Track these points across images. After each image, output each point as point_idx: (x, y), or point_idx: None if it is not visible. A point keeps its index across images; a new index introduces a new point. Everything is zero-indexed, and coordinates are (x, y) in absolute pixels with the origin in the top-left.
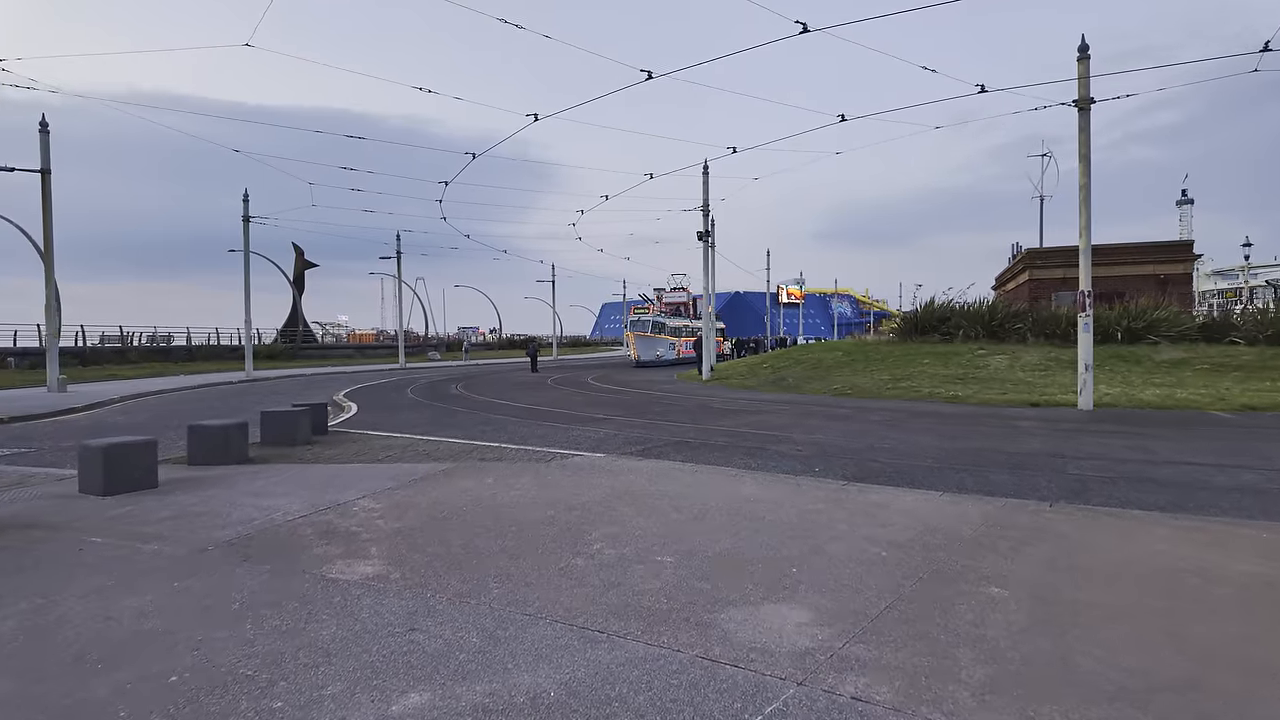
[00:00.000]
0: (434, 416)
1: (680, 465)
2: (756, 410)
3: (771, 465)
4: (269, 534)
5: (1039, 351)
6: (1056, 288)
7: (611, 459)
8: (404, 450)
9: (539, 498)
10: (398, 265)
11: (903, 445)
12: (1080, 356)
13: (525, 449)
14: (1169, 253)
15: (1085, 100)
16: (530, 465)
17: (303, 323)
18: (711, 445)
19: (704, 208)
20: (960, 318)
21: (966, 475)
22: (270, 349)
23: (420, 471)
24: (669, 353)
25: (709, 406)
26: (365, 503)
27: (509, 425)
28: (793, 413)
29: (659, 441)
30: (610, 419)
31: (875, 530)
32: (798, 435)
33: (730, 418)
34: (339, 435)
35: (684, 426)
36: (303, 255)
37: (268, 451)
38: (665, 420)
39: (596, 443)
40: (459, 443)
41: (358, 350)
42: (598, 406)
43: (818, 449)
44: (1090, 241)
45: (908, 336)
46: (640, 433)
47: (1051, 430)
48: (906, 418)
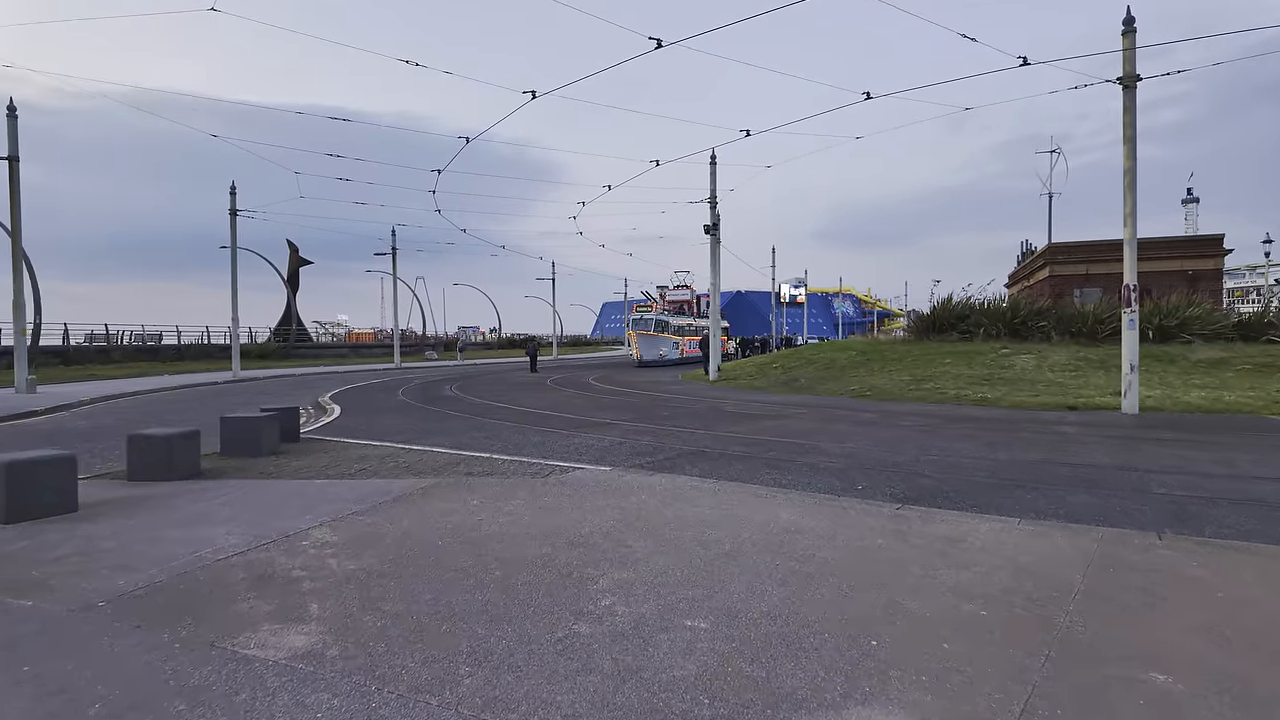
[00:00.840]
0: (422, 421)
1: (699, 482)
2: (774, 414)
3: (804, 481)
4: (187, 581)
5: (1065, 351)
6: (1079, 284)
7: (618, 474)
8: (382, 462)
9: (533, 526)
10: (393, 261)
11: (946, 456)
12: (1125, 356)
13: (520, 461)
14: (1198, 247)
15: (1131, 77)
16: (524, 482)
17: (296, 321)
18: (730, 456)
19: (711, 199)
20: (980, 315)
21: (1035, 495)
22: (262, 348)
23: (395, 490)
24: (672, 352)
25: (721, 410)
26: (321, 533)
27: (503, 431)
28: (814, 417)
29: (671, 451)
30: (614, 424)
31: (958, 576)
32: (826, 444)
33: (746, 423)
34: (312, 443)
35: (697, 433)
36: (297, 252)
37: (226, 463)
38: (675, 426)
39: (600, 453)
40: (445, 453)
41: (353, 350)
42: (600, 410)
43: (853, 461)
44: (1135, 231)
45: (924, 335)
46: (649, 440)
47: (1104, 437)
48: (940, 423)
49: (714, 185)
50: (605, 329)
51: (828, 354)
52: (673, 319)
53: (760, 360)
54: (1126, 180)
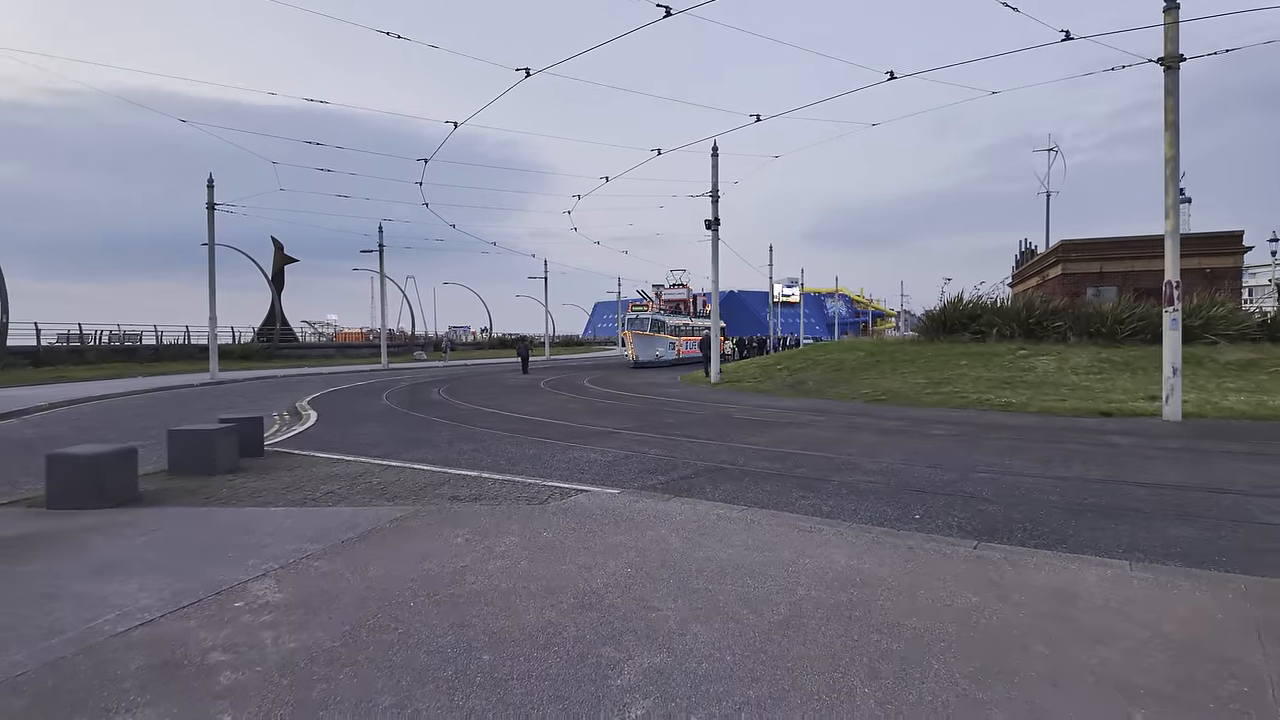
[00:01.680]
0: (405, 430)
1: (726, 510)
2: (789, 422)
3: (849, 508)
4: (60, 674)
5: (1085, 352)
6: (1093, 282)
7: (629, 498)
8: (353, 483)
9: (531, 576)
10: (379, 258)
11: (999, 473)
12: (1166, 359)
13: (512, 481)
14: (1216, 244)
15: (1174, 58)
16: (518, 510)
17: (280, 321)
18: (754, 474)
19: (713, 193)
20: (993, 315)
21: (1127, 526)
22: (245, 349)
23: (364, 521)
24: (669, 353)
25: (730, 416)
26: (263, 587)
27: (494, 443)
28: (834, 425)
29: (685, 468)
30: (617, 433)
31: (1098, 655)
32: (858, 458)
33: (763, 432)
34: (278, 458)
35: (710, 445)
36: (282, 250)
37: (173, 485)
38: (684, 435)
39: (605, 470)
40: (427, 470)
41: (339, 350)
42: (600, 416)
43: (895, 479)
44: (1178, 222)
45: (935, 335)
46: (658, 454)
47: (1162, 449)
48: (974, 432)
49: (715, 178)
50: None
51: (834, 355)
52: (669, 318)
53: (763, 361)
54: (1168, 170)
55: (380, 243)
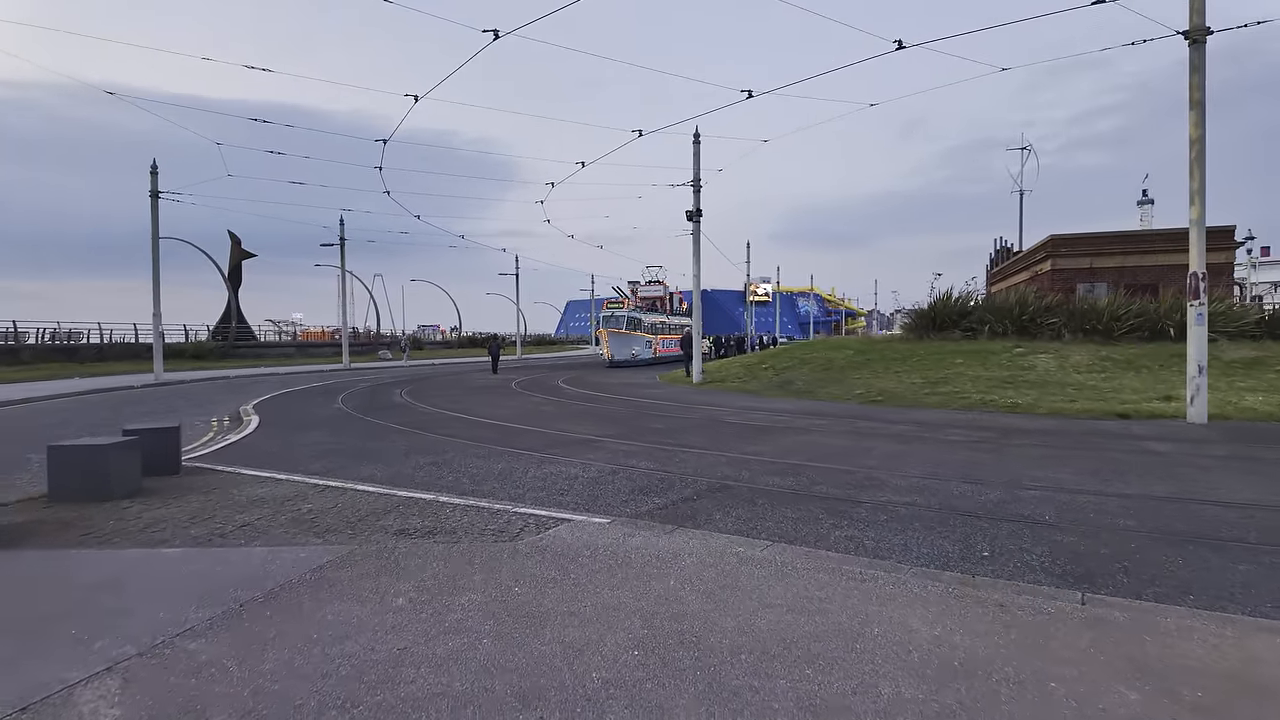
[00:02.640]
0: (356, 439)
1: (748, 547)
2: (788, 426)
3: (897, 541)
4: None
5: (1083, 350)
6: (1084, 278)
7: (623, 530)
8: (278, 510)
9: (496, 670)
10: (340, 252)
11: (1049, 490)
12: (1191, 356)
13: (477, 506)
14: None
15: (1200, 30)
16: (482, 550)
17: (237, 318)
18: (768, 493)
19: (694, 182)
20: (984, 312)
21: (1244, 563)
22: (198, 348)
23: (278, 570)
24: (645, 351)
25: (722, 420)
26: (92, 697)
27: (456, 455)
28: (839, 431)
29: (685, 485)
30: (600, 442)
31: None
32: (880, 470)
33: (763, 439)
34: (196, 476)
35: (708, 456)
36: (239, 244)
37: (48, 515)
38: (676, 444)
39: (589, 490)
40: (374, 492)
41: (300, 349)
42: (578, 421)
43: (937, 500)
44: (1204, 210)
45: (924, 333)
46: (650, 468)
47: (1213, 458)
48: (994, 437)
49: (697, 166)
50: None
51: (821, 354)
52: (645, 316)
53: (746, 360)
54: (1193, 152)
55: (341, 236)
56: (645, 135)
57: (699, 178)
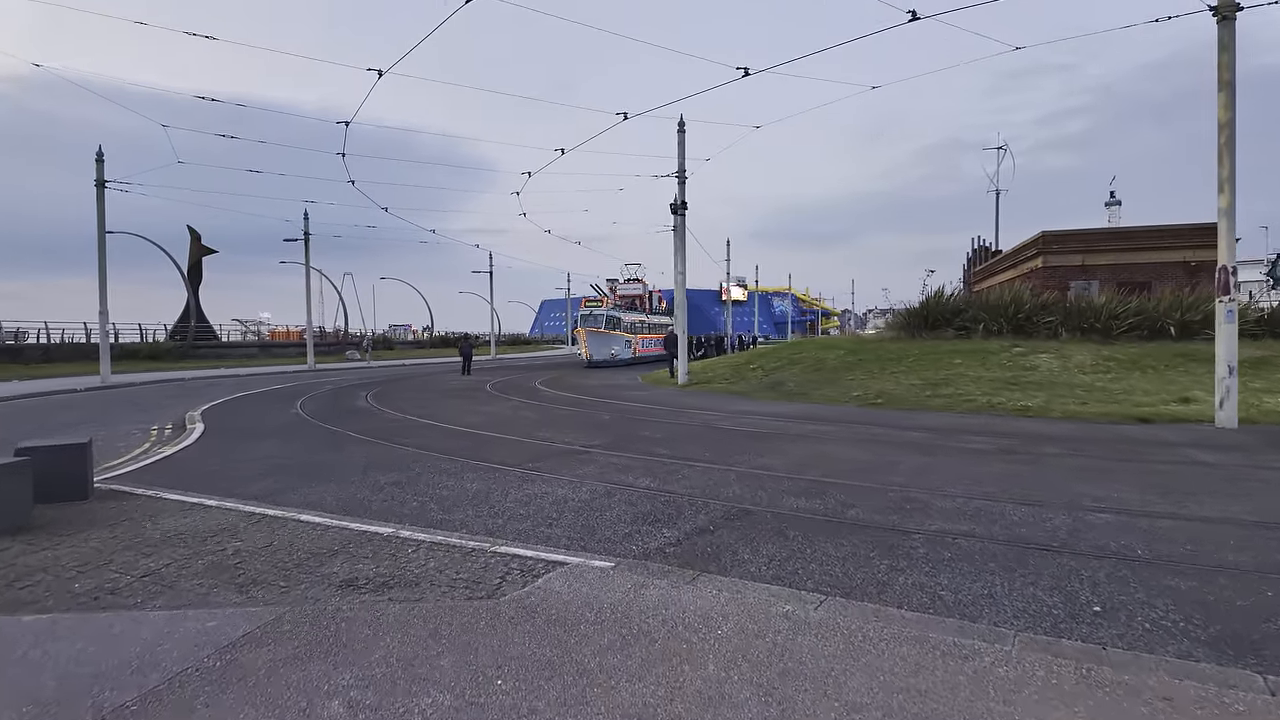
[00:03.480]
0: (309, 451)
1: (799, 606)
2: (792, 433)
3: (978, 591)
4: None
5: (1083, 349)
6: (1075, 275)
7: (632, 578)
8: (197, 550)
9: None
10: (305, 246)
11: (1128, 516)
12: (1221, 356)
13: (446, 544)
14: (1200, 236)
15: (1229, 6)
16: (453, 614)
17: (197, 317)
18: (796, 520)
19: (679, 173)
20: (978, 310)
21: None
22: (154, 348)
23: (173, 652)
24: (624, 351)
25: (717, 427)
26: None
27: (424, 471)
28: (849, 439)
29: (696, 510)
30: (589, 454)
31: None
32: (916, 489)
33: (769, 448)
34: (108, 503)
35: (714, 470)
36: (199, 240)
37: None
38: (674, 455)
39: (583, 518)
40: (320, 524)
41: (264, 349)
42: (561, 428)
43: (1000, 530)
44: (1233, 199)
45: (916, 332)
46: (650, 486)
47: (1270, 469)
48: (1020, 445)
49: (682, 157)
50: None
51: (811, 353)
52: (625, 315)
53: (731, 361)
54: (1222, 137)
55: (306, 230)
56: (630, 119)
57: (684, 169)
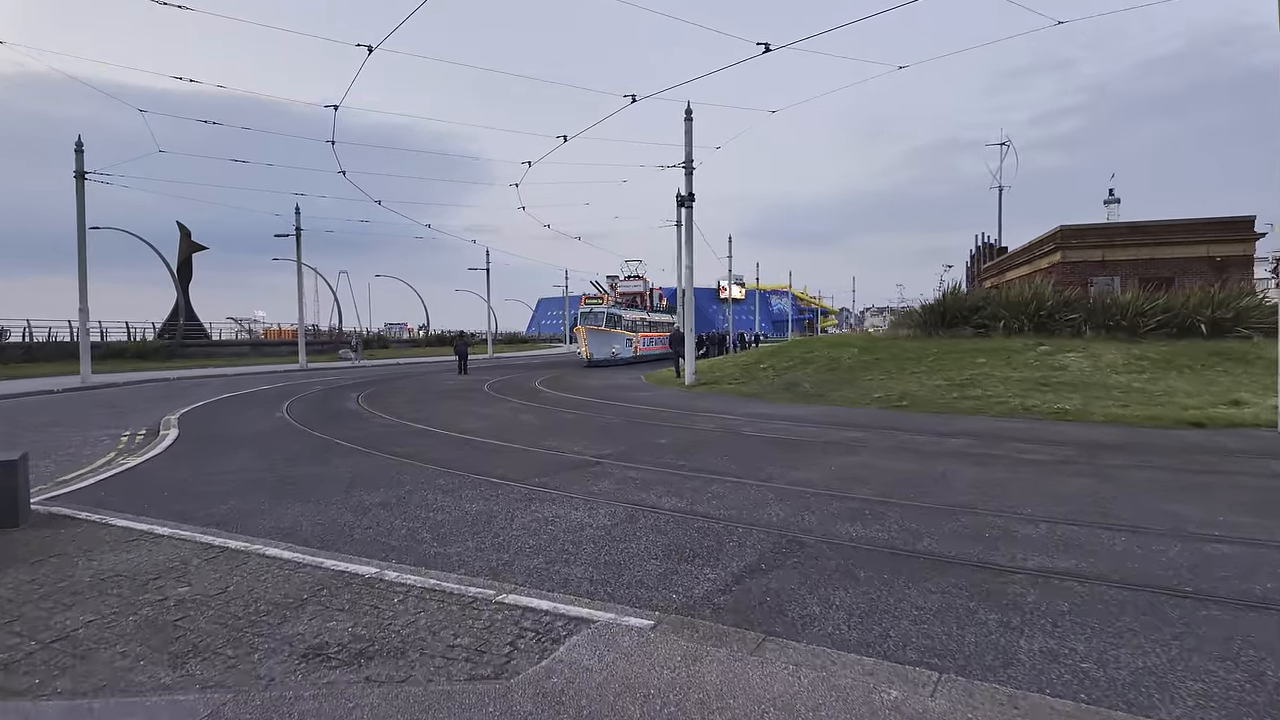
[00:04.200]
0: (289, 463)
1: (903, 687)
2: (823, 441)
3: (1138, 666)
4: None
5: (1111, 348)
6: (1094, 271)
7: (680, 645)
8: (134, 598)
9: None
10: (297, 242)
11: (1256, 547)
12: None
13: (441, 590)
14: (1225, 230)
15: None
16: (450, 701)
17: (186, 315)
18: (862, 555)
19: (686, 163)
20: (998, 307)
21: None
22: (142, 347)
23: None
24: (625, 350)
25: (738, 433)
26: None
27: (417, 487)
28: (886, 446)
29: (738, 542)
30: (601, 465)
31: None
32: (989, 511)
33: (802, 460)
34: (41, 531)
35: (746, 488)
36: (189, 237)
37: None
38: (696, 468)
39: (606, 552)
40: (289, 560)
41: (255, 348)
42: (568, 435)
43: (1109, 567)
44: None
45: (933, 329)
46: (677, 507)
47: None
48: (1080, 456)
49: (689, 146)
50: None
51: (824, 352)
52: (625, 313)
53: (739, 360)
54: None
55: (297, 225)
56: (640, 102)
57: (691, 159)
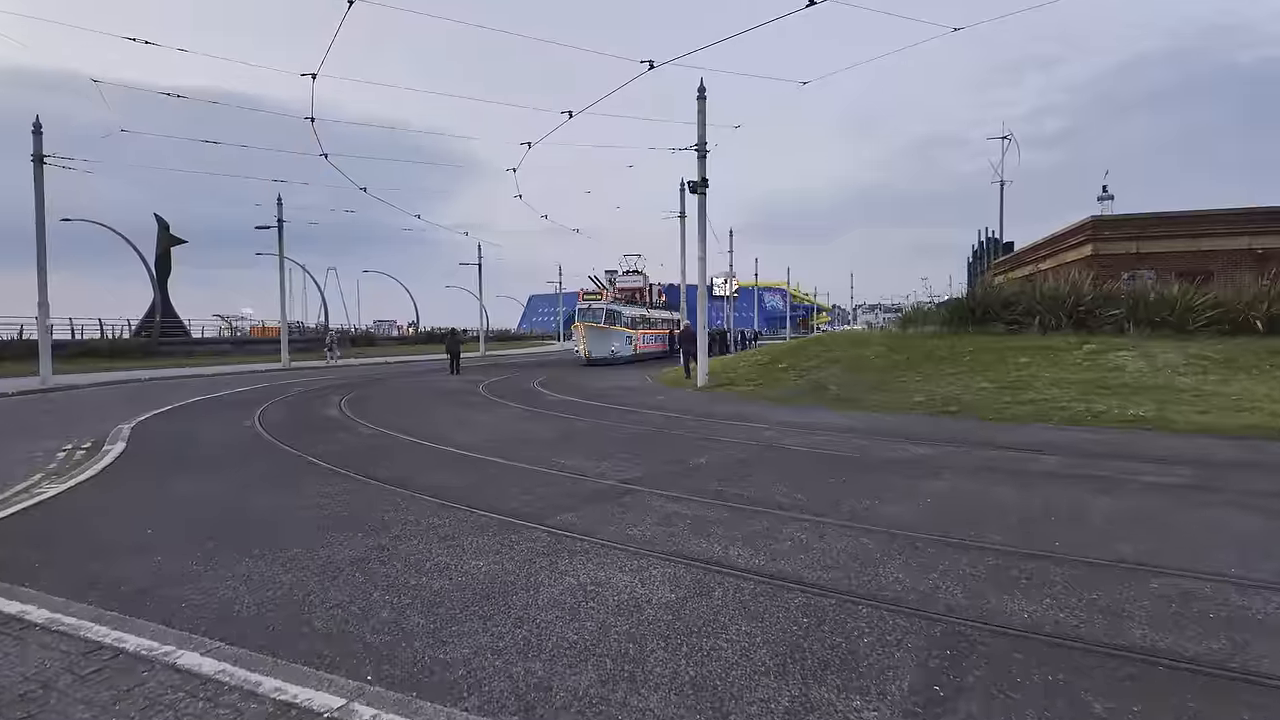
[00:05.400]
0: (244, 492)
1: None
2: (888, 458)
3: None
4: None
5: (1167, 347)
6: (1129, 265)
7: None
8: None
9: None
10: (279, 234)
11: None
12: None
13: None
14: (1270, 221)
15: None
16: None
17: (163, 312)
18: (1058, 657)
19: (699, 145)
20: (1032, 302)
21: None
22: (116, 345)
23: None
24: (625, 348)
25: (784, 448)
26: None
27: (406, 533)
28: (965, 465)
29: (879, 641)
30: (635, 495)
31: None
32: (1181, 571)
33: (875, 485)
34: None
35: (829, 529)
36: (168, 230)
37: None
38: (755, 500)
39: (688, 661)
40: (212, 683)
41: (237, 346)
42: (584, 450)
43: None
44: None
45: (961, 326)
46: (754, 565)
47: None
48: (1215, 479)
49: (702, 127)
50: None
51: (846, 351)
52: (625, 309)
53: (752, 359)
54: None
55: (279, 216)
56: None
57: (705, 141)
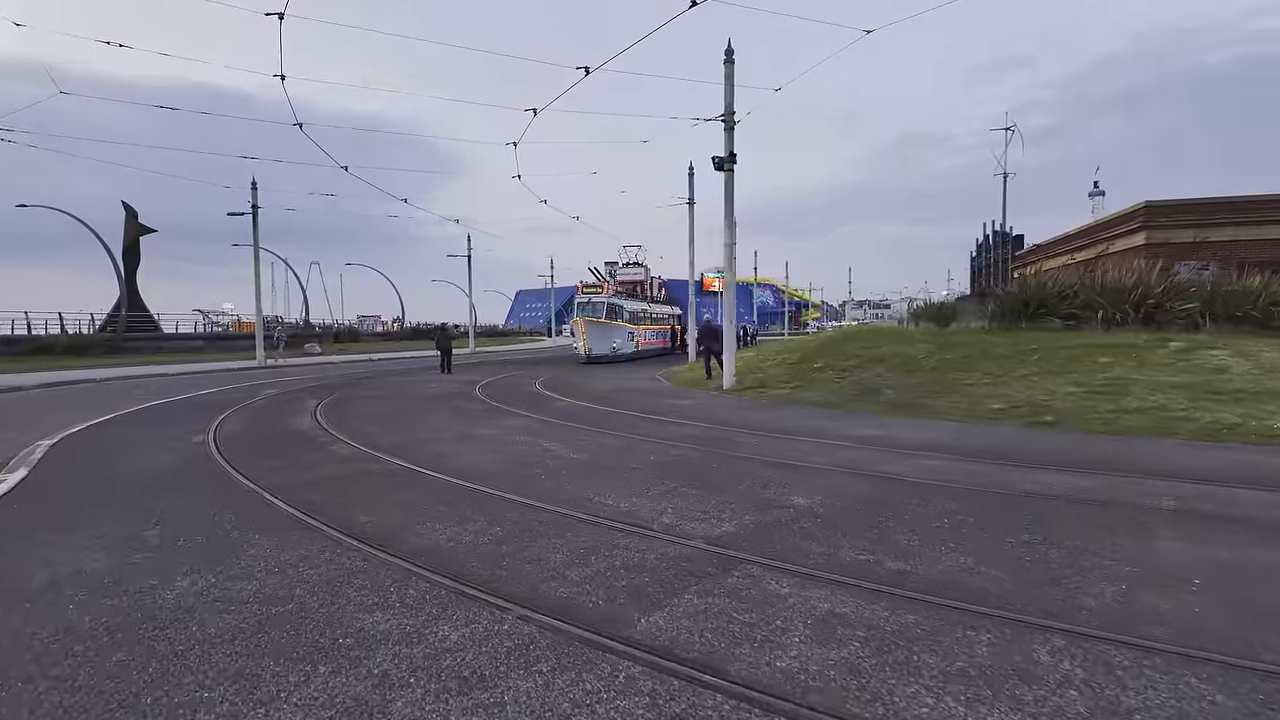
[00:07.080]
0: (161, 561)
1: None
2: (1029, 491)
3: None
4: None
5: (1262, 345)
6: (1186, 254)
7: None
8: None
9: None
10: (254, 220)
11: None
12: None
13: None
14: None
15: None
16: None
17: (129, 306)
18: None
19: (726, 115)
20: (1093, 295)
21: None
22: (75, 341)
23: None
24: (627, 344)
25: (900, 480)
26: None
27: (400, 671)
28: (1179, 514)
29: None
30: (744, 570)
31: None
32: None
33: (1083, 544)
34: None
35: (1095, 661)
36: (135, 219)
37: None
38: (936, 584)
39: None
40: None
41: (210, 342)
42: (630, 482)
43: None
44: None
45: (1013, 321)
46: None
47: None
48: None
49: (730, 95)
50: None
51: (887, 347)
52: (627, 303)
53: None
54: None
55: (253, 202)
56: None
57: (732, 109)
